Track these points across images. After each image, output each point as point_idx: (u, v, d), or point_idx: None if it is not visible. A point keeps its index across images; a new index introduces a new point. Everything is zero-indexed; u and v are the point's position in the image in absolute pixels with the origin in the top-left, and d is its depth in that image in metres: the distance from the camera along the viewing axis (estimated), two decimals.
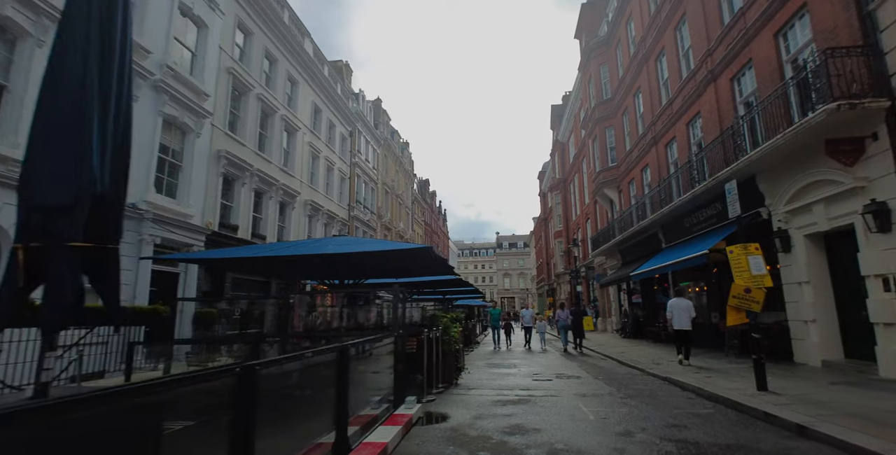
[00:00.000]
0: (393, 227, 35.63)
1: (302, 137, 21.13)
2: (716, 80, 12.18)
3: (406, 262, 9.48)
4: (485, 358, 13.35)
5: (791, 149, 8.29)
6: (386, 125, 36.27)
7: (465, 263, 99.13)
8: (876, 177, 7.17)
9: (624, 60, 20.63)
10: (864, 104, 6.88)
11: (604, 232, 23.01)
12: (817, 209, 8.38)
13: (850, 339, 8.33)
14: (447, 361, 8.52)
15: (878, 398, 5.68)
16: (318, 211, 22.23)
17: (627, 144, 21.01)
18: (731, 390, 6.58)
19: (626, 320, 20.61)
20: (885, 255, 7.06)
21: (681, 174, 13.76)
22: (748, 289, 6.60)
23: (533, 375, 9.60)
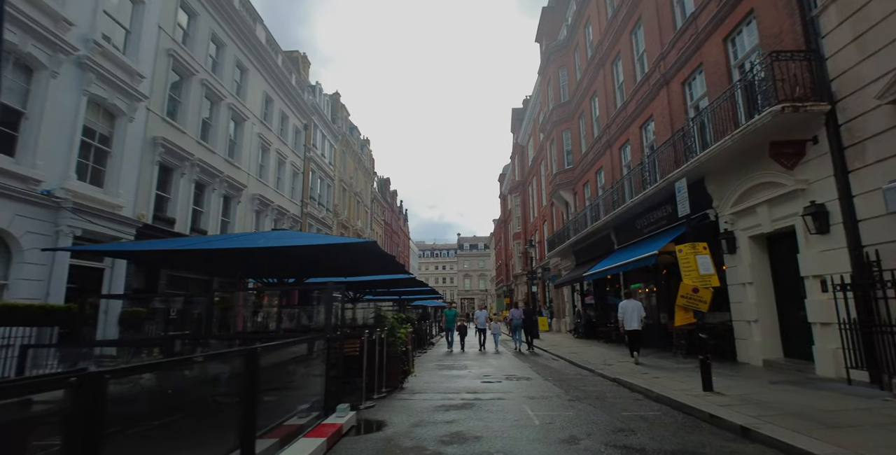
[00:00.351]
0: (350, 225, 34.70)
1: (251, 128, 20.05)
2: (668, 84, 12.37)
3: (356, 260, 8.98)
4: (437, 360, 12.97)
5: (738, 150, 8.40)
6: (344, 120, 35.31)
7: (426, 264, 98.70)
8: (815, 180, 7.33)
9: (582, 64, 20.87)
10: (806, 107, 7.00)
11: (559, 233, 23.21)
12: (761, 211, 8.54)
13: (789, 338, 8.53)
14: (393, 364, 8.06)
15: (816, 397, 5.71)
16: (267, 206, 21.17)
17: (583, 147, 21.26)
18: (677, 391, 6.49)
19: (580, 321, 20.82)
20: (823, 257, 7.21)
21: (633, 176, 13.92)
22: (696, 288, 6.53)
23: (483, 377, 9.30)
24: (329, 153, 31.19)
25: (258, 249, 6.71)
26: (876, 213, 6.31)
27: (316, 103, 28.26)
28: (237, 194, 18.71)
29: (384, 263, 9.46)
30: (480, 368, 10.89)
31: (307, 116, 26.98)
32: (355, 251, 7.05)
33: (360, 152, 38.97)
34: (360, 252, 7.43)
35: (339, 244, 6.59)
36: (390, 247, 52.76)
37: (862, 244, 6.53)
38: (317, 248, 6.70)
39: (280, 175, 23.41)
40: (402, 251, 63.31)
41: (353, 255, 8.38)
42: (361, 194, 38.81)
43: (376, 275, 11.53)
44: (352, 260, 8.62)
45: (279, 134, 23.19)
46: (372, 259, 8.60)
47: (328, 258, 8.13)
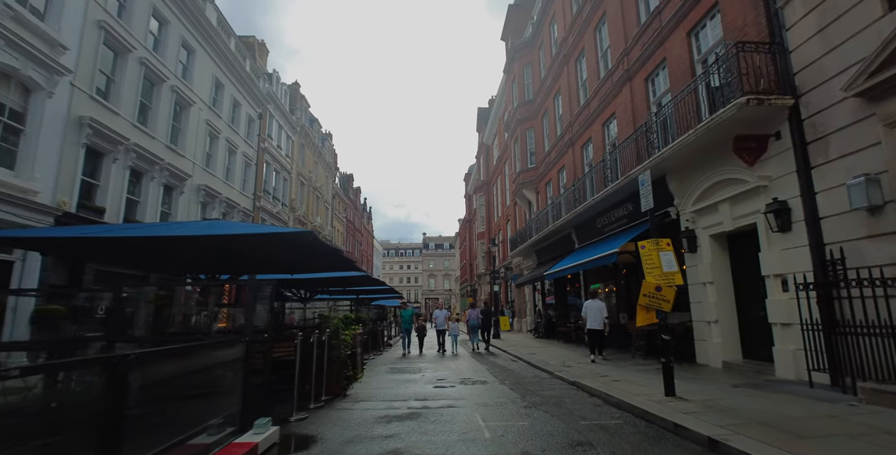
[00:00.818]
0: (309, 221, 33.35)
1: (198, 114, 18.66)
2: (631, 80, 12.18)
3: (302, 255, 8.17)
4: (391, 363, 12.24)
5: (701, 146, 8.16)
6: (304, 112, 33.92)
7: (390, 264, 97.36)
8: (778, 176, 7.14)
9: (546, 61, 20.66)
10: (770, 100, 6.78)
11: (522, 233, 22.95)
12: (723, 209, 8.34)
13: (748, 340, 8.37)
14: (335, 370, 7.32)
15: (781, 402, 5.41)
16: (214, 197, 19.79)
17: (546, 146, 21.07)
18: (639, 396, 6.09)
19: (540, 321, 20.60)
20: (784, 255, 7.02)
21: (594, 174, 13.70)
22: (659, 287, 6.16)
23: (436, 382, 8.68)
24: (286, 145, 29.82)
25: (176, 239, 5.84)
26: (839, 210, 6.12)
27: (272, 92, 26.89)
28: (180, 184, 17.33)
29: (334, 260, 8.71)
30: (435, 372, 10.27)
31: (262, 105, 25.60)
32: (292, 243, 6.26)
33: (320, 146, 37.61)
34: (301, 245, 6.65)
35: (268, 234, 5.79)
36: (352, 245, 51.43)
37: (824, 242, 6.34)
38: (247, 239, 5.89)
39: (230, 165, 22.02)
40: (365, 250, 61.95)
41: (300, 250, 7.60)
42: (321, 190, 37.48)
43: (328, 272, 10.78)
44: (299, 255, 7.82)
45: (230, 122, 21.81)
46: (320, 254, 7.83)
47: (268, 252, 7.30)
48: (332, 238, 40.76)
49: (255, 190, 24.43)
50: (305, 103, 34.61)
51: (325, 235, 38.09)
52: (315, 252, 7.49)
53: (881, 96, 5.54)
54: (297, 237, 6.05)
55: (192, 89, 18.27)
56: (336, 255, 7.64)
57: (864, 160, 5.78)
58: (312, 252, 7.68)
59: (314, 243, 6.04)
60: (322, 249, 6.67)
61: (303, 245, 6.60)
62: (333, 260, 8.15)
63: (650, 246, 6.44)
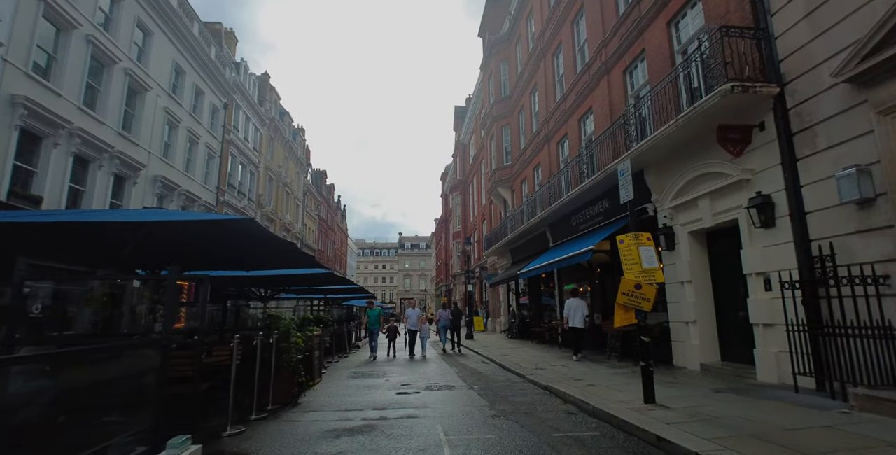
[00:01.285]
0: (277, 218, 32.13)
1: (155, 100, 17.47)
2: (609, 73, 11.81)
3: (255, 249, 7.41)
4: (355, 367, 11.48)
5: (682, 137, 7.77)
6: (274, 104, 32.68)
7: (365, 263, 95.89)
8: (761, 169, 6.79)
9: (523, 57, 20.26)
10: (755, 88, 6.42)
11: (496, 231, 22.50)
12: (703, 204, 7.98)
13: (727, 341, 8.02)
14: (284, 376, 6.59)
15: (768, 409, 4.99)
16: (172, 190, 18.60)
17: (522, 143, 20.67)
18: (616, 404, 5.60)
19: (514, 321, 20.17)
20: (767, 252, 6.67)
21: (570, 170, 13.30)
22: (638, 284, 5.68)
23: (400, 388, 8.03)
24: (254, 138, 28.59)
25: (98, 225, 5.04)
26: (826, 203, 5.78)
27: (240, 82, 25.69)
28: (133, 174, 16.14)
29: (288, 254, 7.98)
30: (401, 376, 9.61)
31: (228, 95, 24.40)
32: (232, 232, 5.51)
33: (291, 140, 36.38)
34: (245, 235, 5.91)
35: (201, 221, 5.04)
36: (325, 244, 50.15)
37: (810, 238, 5.99)
38: (174, 226, 5.12)
39: (191, 157, 20.81)
40: (338, 249, 60.62)
41: (246, 241, 6.84)
42: (292, 185, 36.24)
43: (289, 269, 10.03)
44: (252, 249, 7.06)
45: (192, 111, 20.60)
46: (270, 246, 7.09)
47: (217, 245, 6.53)
48: (302, 236, 39.52)
49: (218, 183, 23.23)
50: (276, 95, 33.38)
51: (295, 233, 36.86)
52: (267, 244, 6.77)
53: (874, 81, 5.20)
54: (235, 225, 5.33)
55: (149, 74, 17.08)
56: (287, 248, 6.90)
57: (855, 150, 5.44)
58: (266, 245, 6.96)
59: (257, 232, 5.32)
60: (266, 240, 5.94)
61: (246, 235, 5.87)
62: (288, 254, 7.43)
63: (629, 240, 5.96)
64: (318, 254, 46.54)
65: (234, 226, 5.36)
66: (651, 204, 9.63)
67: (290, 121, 37.58)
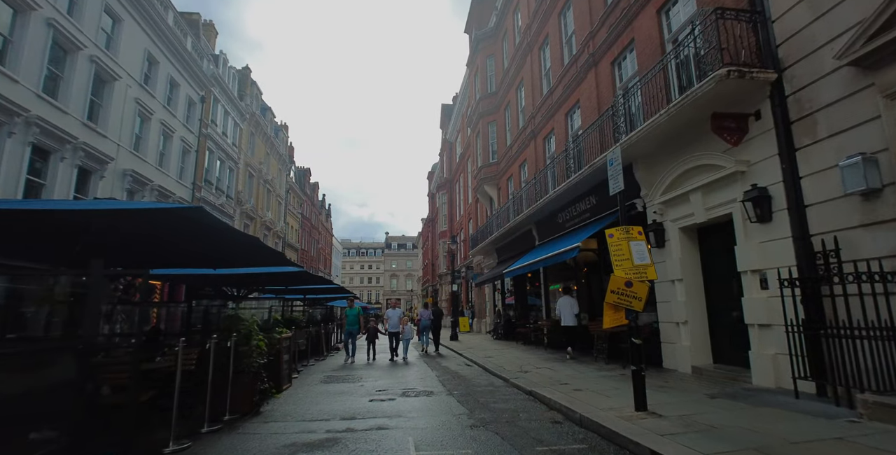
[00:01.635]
0: (258, 216, 31.26)
1: (125, 90, 16.64)
2: (597, 65, 11.42)
3: (214, 243, 6.83)
4: (330, 371, 10.82)
5: (673, 127, 7.38)
6: (255, 98, 31.80)
7: (351, 263, 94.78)
8: (757, 160, 6.41)
9: (510, 51, 19.85)
10: (752, 74, 6.03)
11: (482, 230, 22.06)
12: (695, 198, 7.60)
13: (719, 342, 7.65)
14: (244, 382, 6.01)
15: (770, 418, 4.59)
16: (143, 185, 17.76)
17: (508, 140, 20.26)
18: (605, 411, 5.14)
19: (499, 321, 19.73)
20: (763, 249, 6.29)
21: (556, 165, 12.90)
22: (629, 282, 5.24)
23: (374, 394, 7.49)
24: (233, 133, 27.72)
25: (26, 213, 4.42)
26: (828, 195, 5.41)
27: (218, 75, 24.83)
28: (100, 167, 15.31)
29: (257, 250, 7.42)
30: (377, 380, 9.06)
31: (206, 88, 23.55)
32: (182, 222, 4.92)
33: (273, 136, 35.49)
34: (206, 228, 5.33)
35: (143, 210, 4.45)
36: (308, 243, 49.23)
37: (811, 233, 5.62)
38: (107, 214, 4.52)
39: (165, 151, 19.97)
40: (323, 248, 59.66)
41: (199, 232, 6.26)
42: (273, 183, 35.36)
43: (260, 267, 9.44)
44: (210, 242, 6.48)
45: (165, 103, 19.76)
46: (229, 240, 6.51)
47: (176, 238, 5.94)
48: (285, 235, 38.65)
49: (194, 179, 22.38)
50: (257, 90, 32.50)
51: (277, 231, 35.99)
52: (228, 238, 6.19)
53: (881, 63, 4.83)
54: (183, 214, 4.76)
55: (118, 62, 16.26)
56: (249, 242, 6.33)
57: (859, 138, 5.07)
58: (230, 240, 6.39)
59: (205, 220, 4.74)
60: (221, 230, 5.37)
61: (202, 227, 5.30)
62: (252, 249, 6.85)
63: (619, 234, 5.52)
64: (302, 253, 45.63)
65: (183, 214, 4.79)
66: (640, 199, 9.25)
67: (272, 116, 36.68)
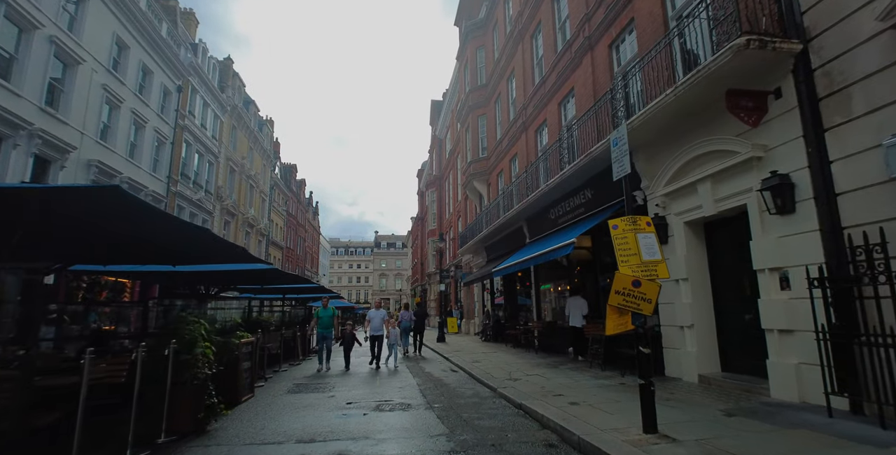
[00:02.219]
0: (240, 212, 30.15)
1: (90, 75, 15.55)
2: (593, 49, 10.67)
3: (183, 241, 5.99)
4: (301, 379, 9.78)
5: (681, 107, 6.63)
6: (238, 91, 30.67)
7: (339, 262, 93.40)
8: (777, 144, 5.68)
9: (500, 42, 19.06)
10: (775, 44, 5.29)
11: (471, 227, 21.26)
12: (703, 189, 6.85)
13: (728, 349, 6.92)
14: (184, 397, 5.12)
15: (808, 445, 3.82)
16: (112, 177, 16.65)
17: (498, 133, 19.48)
18: (607, 432, 4.36)
19: (488, 322, 18.93)
20: (784, 244, 5.56)
21: (549, 157, 12.13)
22: (637, 281, 4.46)
23: (344, 406, 6.64)
24: (213, 125, 26.60)
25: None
26: (865, 181, 4.68)
27: (197, 64, 23.72)
28: (60, 157, 14.24)
29: (210, 243, 6.55)
30: (351, 390, 8.19)
31: (183, 77, 22.45)
32: (98, 204, 4.03)
33: (256, 131, 34.35)
34: (140, 216, 4.45)
35: (48, 189, 3.57)
36: (294, 241, 48.06)
37: (842, 225, 4.89)
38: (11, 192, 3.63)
39: (137, 142, 18.88)
40: (309, 247, 58.45)
41: (174, 234, 5.41)
42: (257, 178, 34.23)
43: (227, 264, 8.58)
44: (164, 238, 5.61)
45: (137, 91, 18.66)
46: (191, 236, 5.65)
47: (118, 228, 5.05)
48: (269, 232, 37.53)
49: (170, 173, 21.28)
50: (239, 82, 31.37)
51: (260, 229, 34.88)
52: (171, 226, 5.32)
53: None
54: (95, 194, 3.87)
55: (82, 45, 15.17)
56: (198, 234, 5.45)
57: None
58: (181, 232, 5.53)
59: (131, 204, 3.87)
60: (156, 217, 4.49)
61: (133, 213, 4.42)
62: (202, 242, 5.97)
63: (625, 226, 4.74)
64: (287, 252, 44.45)
65: (97, 196, 3.90)
66: (640, 192, 8.50)
67: (255, 110, 35.54)
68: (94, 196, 3.89)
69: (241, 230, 30.89)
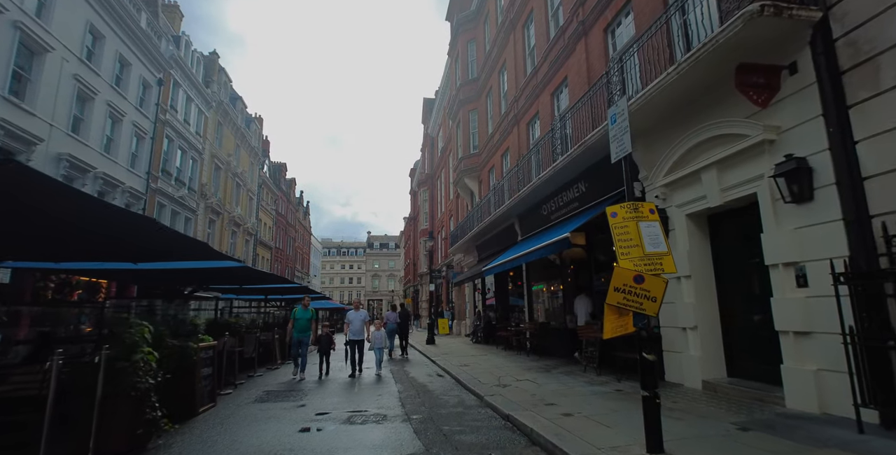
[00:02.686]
0: (225, 211, 29.33)
1: (60, 64, 14.77)
2: (587, 34, 10.09)
3: (135, 236, 5.32)
4: (273, 385, 9.03)
5: (685, 87, 6.05)
6: (224, 87, 29.86)
7: (331, 263, 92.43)
8: (792, 125, 5.11)
9: (491, 33, 18.48)
10: (792, 11, 4.72)
11: (462, 225, 20.65)
12: (707, 178, 6.27)
13: (734, 352, 6.34)
14: (120, 411, 4.44)
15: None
16: (84, 172, 15.87)
17: (490, 128, 18.89)
18: (606, 452, 3.74)
19: (479, 324, 18.30)
20: (800, 236, 4.98)
21: (541, 149, 11.54)
22: (640, 276, 3.85)
23: (313, 418, 5.98)
24: (197, 121, 25.79)
25: None
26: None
27: (179, 57, 22.93)
28: (25, 149, 13.45)
29: (177, 243, 5.93)
30: (325, 398, 7.51)
31: (164, 70, 21.65)
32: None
33: (244, 128, 33.54)
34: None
35: None
36: (283, 241, 47.23)
37: (870, 213, 4.31)
38: None
39: (114, 136, 18.08)
40: (300, 247, 57.59)
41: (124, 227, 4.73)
42: (244, 176, 33.40)
43: (194, 262, 7.91)
44: (111, 231, 4.93)
45: (114, 82, 17.86)
46: (138, 228, 4.98)
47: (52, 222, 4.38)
48: (257, 231, 36.71)
49: (149, 169, 20.47)
50: (226, 77, 30.56)
51: (247, 228, 34.05)
52: (113, 217, 4.64)
53: None
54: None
55: (52, 32, 14.39)
56: (142, 224, 4.77)
57: None
58: (124, 223, 4.86)
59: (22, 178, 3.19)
60: (41, 187, 3.79)
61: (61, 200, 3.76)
62: (142, 233, 5.29)
63: (625, 213, 4.13)
64: (276, 252, 43.60)
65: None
66: (639, 183, 7.91)
67: (243, 107, 34.72)
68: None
69: (227, 229, 30.09)
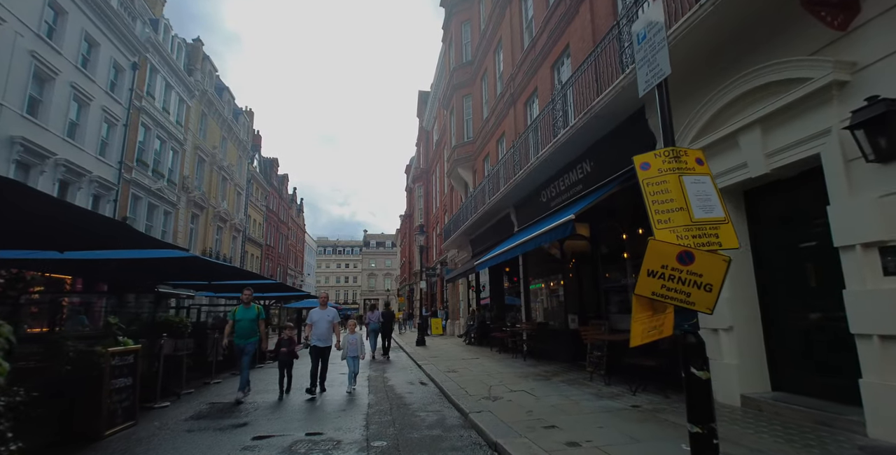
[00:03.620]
0: (210, 205, 27.98)
1: (14, 40, 13.46)
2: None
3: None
4: (223, 396, 7.64)
5: (722, 22, 4.76)
6: (209, 76, 28.50)
7: (327, 262, 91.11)
8: (875, 59, 3.84)
9: (487, 10, 17.19)
10: None
11: (455, 218, 19.37)
12: (748, 141, 4.99)
13: (779, 360, 5.05)
14: None
15: None
16: (42, 158, 14.56)
17: (485, 113, 17.61)
18: None
19: (472, 324, 17.01)
20: (888, 207, 3.70)
21: (541, 126, 10.25)
22: (687, 253, 2.56)
23: (247, 445, 4.68)
24: (178, 110, 24.45)
25: None
26: None
27: (157, 41, 21.60)
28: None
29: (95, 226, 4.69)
30: (275, 415, 6.20)
31: (139, 54, 20.33)
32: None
33: (231, 120, 32.19)
34: None
35: None
36: (275, 238, 45.88)
37: None
38: None
39: (80, 121, 16.77)
40: (293, 245, 56.21)
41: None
42: (231, 170, 32.05)
43: (131, 250, 6.70)
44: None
45: (79, 63, 16.54)
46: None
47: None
48: (245, 228, 35.36)
49: (122, 158, 19.14)
50: (210, 66, 29.20)
51: (235, 224, 32.71)
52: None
53: None
54: None
55: (6, 6, 13.09)
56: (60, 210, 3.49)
57: None
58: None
59: None
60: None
61: None
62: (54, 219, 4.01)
63: (661, 163, 2.85)
64: (267, 249, 42.26)
65: None
66: None
67: (230, 98, 33.35)
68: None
69: (211, 225, 28.76)
